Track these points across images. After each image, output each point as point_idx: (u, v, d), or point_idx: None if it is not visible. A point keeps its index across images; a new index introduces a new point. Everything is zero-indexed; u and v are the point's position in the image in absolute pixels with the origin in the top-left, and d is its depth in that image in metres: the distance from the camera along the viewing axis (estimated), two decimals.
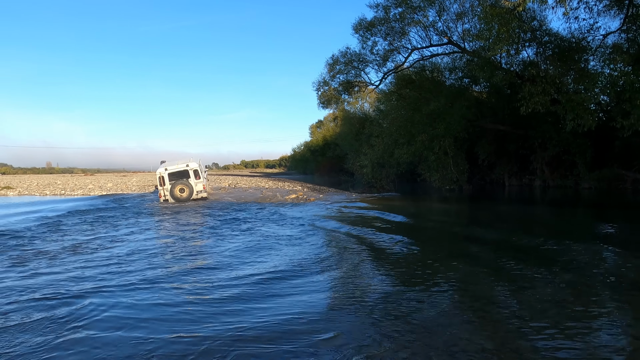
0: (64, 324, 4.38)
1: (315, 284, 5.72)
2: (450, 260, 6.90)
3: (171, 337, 3.99)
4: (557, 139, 21.18)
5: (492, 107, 25.40)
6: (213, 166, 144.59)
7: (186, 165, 18.65)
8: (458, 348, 3.65)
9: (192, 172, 18.61)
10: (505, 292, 5.24)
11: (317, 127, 68.88)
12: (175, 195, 18.18)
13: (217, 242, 8.85)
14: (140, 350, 3.73)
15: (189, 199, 18.37)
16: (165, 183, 18.32)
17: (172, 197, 18.22)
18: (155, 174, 19.03)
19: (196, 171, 18.69)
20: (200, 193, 18.78)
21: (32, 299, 5.18)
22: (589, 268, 6.26)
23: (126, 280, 5.95)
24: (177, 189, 18.19)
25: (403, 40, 23.92)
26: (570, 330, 3.96)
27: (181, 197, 18.20)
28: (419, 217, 13.18)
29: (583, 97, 17.42)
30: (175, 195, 18.17)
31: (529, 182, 24.85)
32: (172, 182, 18.28)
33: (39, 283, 5.91)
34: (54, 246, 8.64)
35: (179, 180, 18.36)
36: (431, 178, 23.41)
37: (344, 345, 3.73)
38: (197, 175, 18.68)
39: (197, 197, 18.72)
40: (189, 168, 18.61)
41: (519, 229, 10.42)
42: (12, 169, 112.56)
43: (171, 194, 18.22)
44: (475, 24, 21.45)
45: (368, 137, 28.84)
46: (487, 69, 20.03)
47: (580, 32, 19.46)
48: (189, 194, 18.33)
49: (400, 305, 4.74)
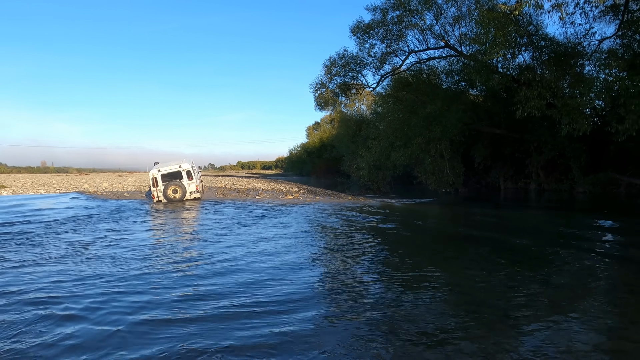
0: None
1: (306, 280, 5.72)
2: (445, 262, 6.92)
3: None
4: (553, 143, 21.31)
5: (488, 110, 25.54)
6: (209, 167, 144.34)
7: (179, 166, 18.77)
8: (453, 348, 3.66)
9: (184, 173, 18.78)
10: (499, 294, 5.26)
11: (313, 128, 68.98)
12: (169, 196, 18.34)
13: (214, 245, 8.83)
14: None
15: (182, 199, 18.56)
16: (158, 184, 18.49)
17: (165, 198, 18.37)
18: (149, 175, 19.18)
19: (189, 172, 18.86)
20: (193, 194, 18.96)
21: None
22: (583, 270, 6.30)
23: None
24: (170, 190, 18.37)
25: (400, 43, 24.04)
26: (563, 330, 3.98)
27: (174, 197, 18.38)
28: (414, 219, 13.21)
29: (578, 102, 17.55)
30: (169, 196, 18.34)
31: (524, 186, 24.97)
32: (165, 183, 18.47)
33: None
34: (84, 238, 8.60)
35: (172, 181, 18.54)
36: (427, 181, 23.47)
37: (333, 340, 3.73)
38: (189, 176, 18.86)
39: (190, 197, 18.91)
40: (182, 169, 18.75)
41: (514, 232, 10.46)
42: (7, 168, 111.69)
43: (164, 195, 18.38)
44: (472, 27, 21.60)
45: (365, 139, 28.91)
46: (483, 72, 20.14)
47: (576, 37, 19.65)
48: (182, 195, 18.52)
49: (395, 307, 4.75)
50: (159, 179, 18.51)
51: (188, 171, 18.82)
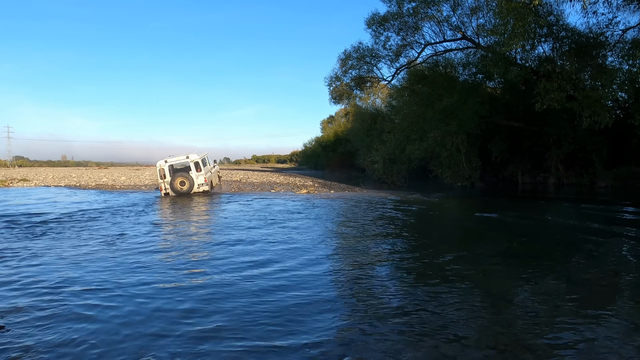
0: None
1: (320, 277, 5.73)
2: (461, 257, 6.85)
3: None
4: (573, 136, 20.84)
5: (506, 103, 25.07)
6: (225, 160, 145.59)
7: (186, 157, 18.13)
8: (471, 342, 3.63)
9: (193, 165, 18.13)
10: (518, 289, 5.19)
11: (328, 122, 68.89)
12: (176, 188, 17.77)
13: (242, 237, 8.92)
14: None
15: (189, 192, 17.94)
16: (166, 176, 17.97)
17: (173, 190, 17.83)
18: (156, 166, 18.55)
19: (197, 163, 18.18)
20: (201, 186, 18.22)
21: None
22: (606, 267, 6.17)
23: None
24: (177, 182, 17.79)
25: (416, 35, 23.78)
26: (583, 328, 3.91)
27: (182, 189, 17.80)
28: (430, 212, 13.11)
29: (600, 94, 17.12)
30: (176, 188, 17.77)
31: (542, 180, 24.51)
32: (173, 175, 17.92)
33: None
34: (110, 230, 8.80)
35: (179, 173, 18.01)
36: (443, 174, 23.20)
37: (343, 333, 3.74)
38: (198, 168, 18.18)
39: (198, 190, 18.22)
40: (190, 160, 18.09)
41: (534, 227, 10.29)
42: (29, 161, 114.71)
43: (171, 187, 17.82)
44: (490, 18, 21.22)
45: (379, 132, 28.71)
46: (501, 64, 19.77)
47: (599, 27, 19.10)
48: (190, 187, 17.88)
49: (409, 301, 4.73)
50: (167, 170, 17.99)
51: (196, 162, 18.14)
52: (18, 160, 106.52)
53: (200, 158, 18.42)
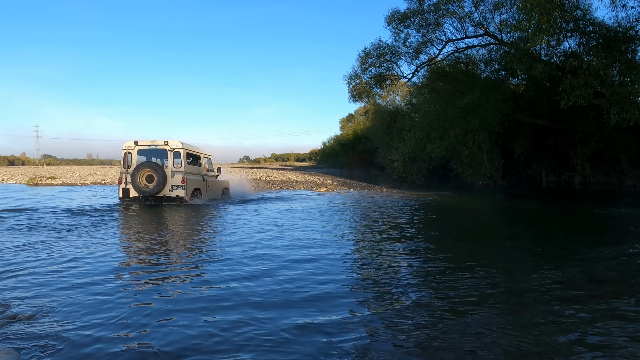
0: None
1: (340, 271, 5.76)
2: (484, 254, 6.77)
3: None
4: (600, 134, 20.29)
5: (530, 100, 24.56)
6: (244, 159, 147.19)
7: (164, 142, 12.75)
8: (490, 340, 3.60)
9: (170, 155, 12.62)
10: (541, 288, 5.10)
11: (347, 120, 68.87)
12: (138, 185, 12.36)
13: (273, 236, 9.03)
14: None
15: (156, 193, 12.31)
16: (131, 165, 12.64)
17: (135, 188, 12.45)
18: (121, 149, 12.90)
19: (177, 153, 12.64)
20: (175, 189, 12.50)
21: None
22: (631, 266, 6.00)
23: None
24: (142, 176, 12.40)
25: (437, 32, 23.53)
26: (609, 328, 3.82)
27: (146, 188, 12.34)
28: (451, 211, 12.97)
29: (629, 90, 16.58)
30: (138, 184, 12.36)
31: (568, 179, 23.93)
32: (138, 165, 12.41)
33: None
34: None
35: (148, 164, 12.44)
36: (464, 173, 22.90)
37: (357, 329, 3.75)
38: (177, 163, 12.64)
39: (170, 194, 12.49)
40: (168, 148, 12.64)
41: (559, 226, 10.08)
42: (56, 160, 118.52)
43: (132, 182, 12.38)
44: (513, 14, 20.82)
45: (399, 131, 28.56)
46: (525, 60, 19.38)
47: (628, 20, 18.47)
48: (157, 186, 12.23)
49: (428, 297, 4.71)
50: (134, 157, 12.75)
51: (176, 152, 12.63)
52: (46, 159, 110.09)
53: (190, 150, 13.21)
